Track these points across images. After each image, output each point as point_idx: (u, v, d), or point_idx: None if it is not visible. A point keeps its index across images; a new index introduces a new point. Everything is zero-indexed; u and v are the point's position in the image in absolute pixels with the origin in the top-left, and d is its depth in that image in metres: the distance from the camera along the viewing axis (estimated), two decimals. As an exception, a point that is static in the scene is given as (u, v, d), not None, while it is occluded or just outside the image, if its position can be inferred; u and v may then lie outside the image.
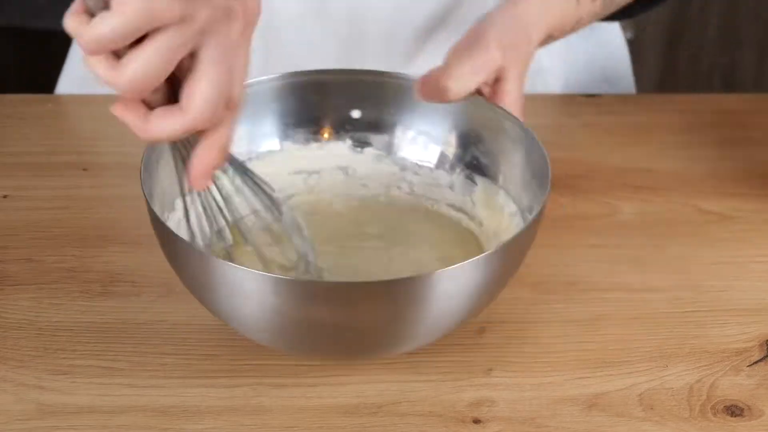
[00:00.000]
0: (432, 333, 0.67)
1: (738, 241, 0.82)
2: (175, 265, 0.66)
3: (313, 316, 0.62)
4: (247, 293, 0.62)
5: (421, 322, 0.64)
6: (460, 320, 0.67)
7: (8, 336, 0.72)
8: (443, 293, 0.62)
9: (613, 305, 0.76)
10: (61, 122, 0.97)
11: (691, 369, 0.71)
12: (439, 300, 0.62)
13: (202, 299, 0.67)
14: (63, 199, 0.85)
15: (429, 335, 0.67)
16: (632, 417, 0.67)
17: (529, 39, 0.77)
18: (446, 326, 0.66)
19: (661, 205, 0.86)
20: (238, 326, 0.67)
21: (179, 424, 0.66)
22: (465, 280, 0.63)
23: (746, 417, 0.67)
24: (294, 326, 0.64)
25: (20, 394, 0.68)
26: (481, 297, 0.66)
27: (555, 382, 0.69)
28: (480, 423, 0.67)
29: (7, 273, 0.78)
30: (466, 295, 0.64)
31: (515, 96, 0.75)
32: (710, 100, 1.01)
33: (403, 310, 0.62)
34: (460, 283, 0.62)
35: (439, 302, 0.63)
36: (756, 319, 0.75)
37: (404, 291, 0.61)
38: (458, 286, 0.63)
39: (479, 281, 0.64)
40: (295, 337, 0.66)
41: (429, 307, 0.63)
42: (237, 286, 0.62)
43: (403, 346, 0.68)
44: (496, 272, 0.65)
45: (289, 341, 0.68)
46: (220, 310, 0.66)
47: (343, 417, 0.67)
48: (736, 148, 0.93)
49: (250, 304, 0.63)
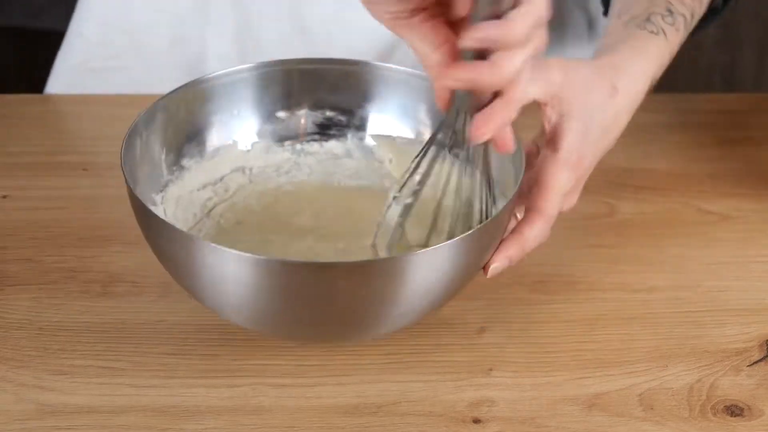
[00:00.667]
0: (408, 315, 0.67)
1: (738, 241, 0.82)
2: (157, 249, 0.67)
3: (290, 296, 0.63)
4: (226, 273, 0.62)
5: (398, 302, 0.64)
6: (435, 303, 0.67)
7: (8, 336, 0.72)
8: (420, 275, 0.63)
9: (613, 305, 0.76)
10: (61, 122, 0.97)
11: (691, 369, 0.71)
12: (415, 281, 0.63)
13: (183, 283, 0.67)
14: (63, 199, 0.85)
15: (405, 317, 0.67)
16: (632, 417, 0.67)
17: (612, 89, 0.72)
18: (422, 308, 0.67)
19: (661, 205, 0.86)
20: (218, 308, 0.68)
21: (179, 424, 0.66)
22: (443, 260, 0.63)
23: (746, 417, 0.67)
24: (272, 307, 0.65)
25: (20, 394, 0.68)
26: (457, 278, 0.66)
27: (555, 382, 0.69)
28: (480, 423, 0.67)
29: (7, 273, 0.78)
30: (442, 277, 0.64)
31: (571, 141, 0.69)
32: (710, 100, 1.01)
33: (381, 291, 0.63)
34: (437, 264, 0.63)
35: (415, 283, 0.63)
36: (756, 319, 0.75)
37: (382, 271, 0.62)
38: (435, 267, 0.63)
39: (457, 262, 0.64)
40: (273, 318, 0.67)
41: (406, 288, 0.63)
42: (216, 267, 0.62)
43: (382, 328, 0.68)
44: (473, 253, 0.65)
45: (268, 323, 0.68)
46: (200, 291, 0.66)
47: (343, 417, 0.67)
48: (736, 148, 0.93)
49: (229, 285, 0.63)
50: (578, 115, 0.69)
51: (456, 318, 0.74)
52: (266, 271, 0.62)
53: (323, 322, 0.66)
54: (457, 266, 0.65)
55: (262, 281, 0.63)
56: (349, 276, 0.62)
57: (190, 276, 0.66)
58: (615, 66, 0.73)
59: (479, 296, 0.76)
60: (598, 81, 0.71)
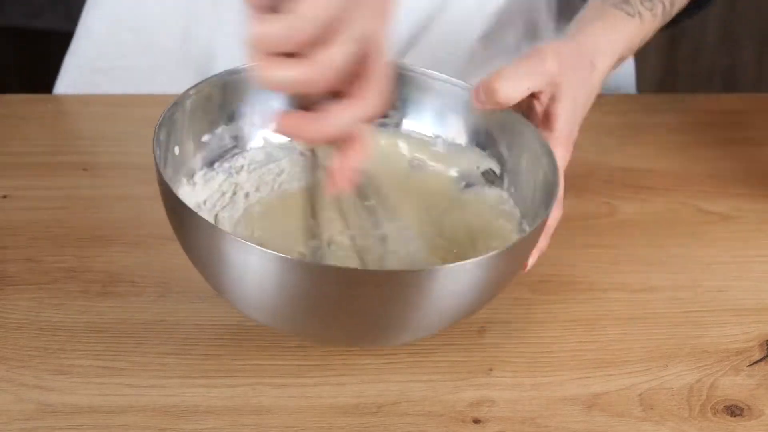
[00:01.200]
0: (431, 327, 0.67)
1: (738, 241, 0.82)
2: (182, 236, 0.66)
3: (315, 297, 0.63)
4: (252, 270, 0.62)
5: (421, 315, 0.64)
6: (459, 317, 0.67)
7: (8, 336, 0.72)
8: (445, 288, 0.62)
9: (613, 305, 0.76)
10: (61, 122, 0.97)
11: (690, 369, 0.71)
12: (440, 294, 0.63)
13: (205, 273, 0.67)
14: (63, 199, 0.85)
15: (428, 328, 0.67)
16: (632, 417, 0.67)
17: (592, 66, 0.76)
18: (445, 322, 0.67)
19: (661, 205, 0.86)
20: (240, 303, 0.67)
21: (179, 424, 0.66)
22: (470, 276, 0.63)
23: (746, 417, 0.67)
24: (297, 307, 0.64)
25: (20, 394, 0.68)
26: (483, 295, 0.66)
27: (555, 382, 0.70)
28: (480, 423, 0.67)
29: (7, 273, 0.78)
30: (468, 292, 0.64)
31: (564, 121, 0.73)
32: (710, 100, 1.01)
33: (404, 302, 0.62)
34: (464, 279, 0.63)
35: (440, 297, 0.63)
36: (756, 319, 0.75)
37: (408, 282, 0.61)
38: (462, 282, 0.63)
39: (484, 279, 0.64)
40: (297, 318, 0.66)
41: (429, 301, 0.63)
42: (242, 263, 0.62)
43: (402, 338, 0.68)
44: (502, 271, 0.65)
45: (291, 323, 0.68)
46: (224, 286, 0.66)
47: (343, 417, 0.67)
48: (736, 148, 0.93)
49: (253, 281, 0.63)
50: (568, 94, 0.73)
51: (456, 318, 0.74)
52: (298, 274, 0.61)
53: (349, 327, 0.66)
54: (491, 280, 0.64)
55: (293, 283, 0.62)
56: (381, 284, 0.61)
57: (219, 272, 0.65)
58: (591, 42, 0.77)
59: (479, 296, 0.76)
60: (580, 60, 0.75)
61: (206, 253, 0.65)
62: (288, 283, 0.62)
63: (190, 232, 0.65)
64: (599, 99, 0.99)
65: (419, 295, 0.62)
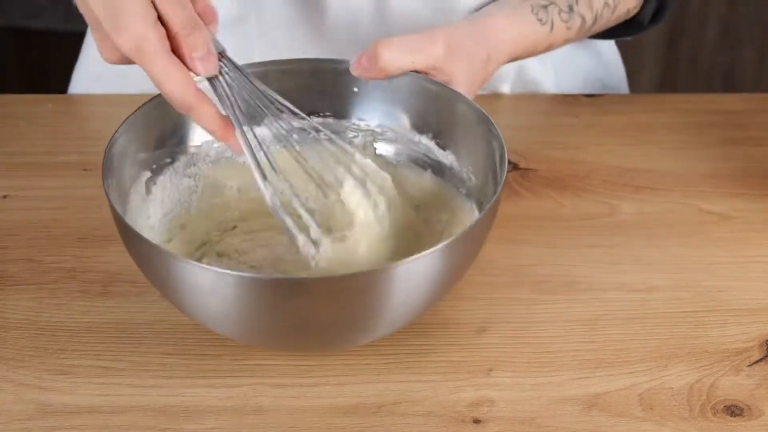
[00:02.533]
0: (391, 325, 0.67)
1: (738, 241, 0.82)
2: (140, 263, 0.67)
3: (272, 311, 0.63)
4: (207, 290, 0.62)
5: (379, 314, 0.64)
6: (420, 310, 0.67)
7: (8, 336, 0.72)
8: (401, 285, 0.63)
9: (613, 305, 0.76)
10: (61, 122, 0.97)
11: (691, 369, 0.71)
12: (398, 291, 0.63)
13: (167, 297, 0.67)
14: (63, 199, 0.85)
15: (387, 327, 0.67)
16: (632, 417, 0.67)
17: (488, 58, 0.78)
18: (405, 317, 0.67)
19: (661, 205, 0.86)
20: (200, 321, 0.68)
21: (179, 424, 0.66)
22: (424, 270, 0.63)
23: (746, 417, 0.67)
24: (254, 322, 0.65)
25: (20, 394, 0.68)
26: (442, 285, 0.66)
27: (555, 382, 0.70)
28: (480, 423, 0.67)
29: (7, 273, 0.78)
30: (424, 286, 0.64)
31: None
32: (710, 100, 1.01)
33: (360, 304, 0.63)
34: (418, 274, 0.63)
35: (398, 294, 0.63)
36: (756, 319, 0.75)
37: (359, 285, 0.62)
38: (416, 278, 0.63)
39: (439, 271, 0.64)
40: (257, 332, 0.67)
41: (388, 300, 0.63)
42: (197, 284, 0.62)
43: (362, 339, 0.68)
44: (454, 262, 0.65)
45: (252, 337, 0.68)
46: (183, 307, 0.67)
47: (343, 417, 0.67)
48: (736, 148, 0.93)
49: (209, 300, 0.63)
50: (462, 80, 0.75)
51: (456, 318, 0.74)
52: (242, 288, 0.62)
53: (304, 335, 0.66)
54: (438, 275, 0.65)
55: (239, 297, 0.62)
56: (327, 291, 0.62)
57: (169, 290, 0.66)
58: (492, 36, 0.79)
59: (479, 296, 0.76)
60: (477, 51, 0.77)
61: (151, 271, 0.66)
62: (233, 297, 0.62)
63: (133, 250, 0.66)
64: (599, 99, 1.00)
65: (371, 297, 0.62)
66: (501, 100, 1.00)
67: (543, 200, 0.86)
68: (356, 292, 0.62)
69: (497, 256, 0.79)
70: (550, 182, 0.88)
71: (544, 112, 0.99)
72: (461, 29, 0.77)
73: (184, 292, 0.64)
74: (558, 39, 0.85)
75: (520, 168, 0.89)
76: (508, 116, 0.99)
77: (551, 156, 0.91)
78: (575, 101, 0.99)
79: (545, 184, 0.88)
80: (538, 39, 0.83)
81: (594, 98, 1.00)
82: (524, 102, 1.00)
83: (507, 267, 0.79)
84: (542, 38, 0.83)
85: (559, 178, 0.88)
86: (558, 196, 0.86)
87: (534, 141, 0.93)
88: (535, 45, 0.83)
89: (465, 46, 0.76)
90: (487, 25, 0.79)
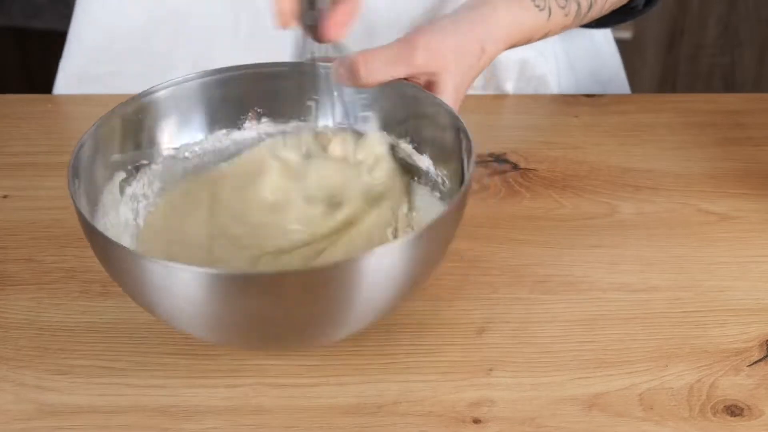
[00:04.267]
0: (362, 318, 0.66)
1: (738, 241, 0.82)
2: (103, 262, 0.66)
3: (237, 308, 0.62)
4: (168, 288, 0.62)
5: (350, 308, 0.64)
6: (391, 304, 0.66)
7: (8, 336, 0.72)
8: (370, 277, 0.62)
9: (613, 305, 0.76)
10: (61, 122, 0.97)
11: (691, 369, 0.71)
12: (367, 284, 0.62)
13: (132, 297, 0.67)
14: (63, 199, 0.85)
15: (359, 321, 0.67)
16: (632, 417, 0.67)
17: (481, 50, 0.78)
18: (377, 311, 0.66)
19: (661, 205, 0.86)
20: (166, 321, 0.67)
21: (179, 424, 0.66)
22: (392, 262, 0.62)
23: (746, 417, 0.67)
24: (220, 319, 0.64)
25: (20, 394, 0.68)
26: (412, 278, 0.65)
27: (555, 382, 0.70)
28: (480, 423, 0.67)
29: (7, 273, 0.78)
30: (392, 278, 0.64)
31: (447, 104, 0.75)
32: (710, 100, 1.01)
33: (330, 297, 0.62)
34: (386, 266, 0.62)
35: (367, 287, 0.62)
36: (756, 319, 0.75)
37: (329, 278, 0.61)
38: (385, 269, 0.62)
39: (408, 263, 0.63)
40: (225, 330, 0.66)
41: (357, 293, 0.63)
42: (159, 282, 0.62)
43: (335, 334, 0.68)
44: (423, 254, 0.65)
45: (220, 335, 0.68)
46: (148, 307, 0.66)
47: (343, 417, 0.67)
48: (736, 148, 0.93)
49: (171, 299, 0.63)
50: (451, 78, 0.75)
51: (456, 318, 0.74)
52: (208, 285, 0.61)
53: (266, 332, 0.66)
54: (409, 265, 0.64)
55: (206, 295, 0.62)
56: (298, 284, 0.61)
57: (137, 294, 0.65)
58: (487, 24, 0.79)
59: (479, 296, 0.76)
60: (468, 45, 0.77)
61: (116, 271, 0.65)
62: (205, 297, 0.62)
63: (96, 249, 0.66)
64: (599, 99, 1.00)
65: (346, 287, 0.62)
66: (501, 100, 1.00)
67: (543, 200, 0.86)
68: (316, 286, 0.61)
69: (497, 256, 0.79)
70: (550, 182, 0.88)
71: (544, 112, 0.99)
72: (446, 27, 0.77)
73: (140, 289, 0.63)
74: (556, 26, 0.85)
75: (520, 168, 0.89)
76: (508, 116, 0.99)
77: (551, 156, 0.91)
78: (575, 101, 0.99)
79: (545, 184, 0.88)
80: (535, 26, 0.82)
81: (594, 98, 1.00)
82: (524, 102, 1.00)
83: (507, 267, 0.79)
84: (540, 25, 0.83)
85: (559, 178, 0.89)
86: (558, 196, 0.86)
87: (534, 141, 0.93)
88: (532, 32, 0.83)
89: (448, 46, 0.76)
90: (483, 16, 0.79)
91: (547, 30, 0.84)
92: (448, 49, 0.76)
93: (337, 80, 0.75)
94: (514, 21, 0.81)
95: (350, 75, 0.73)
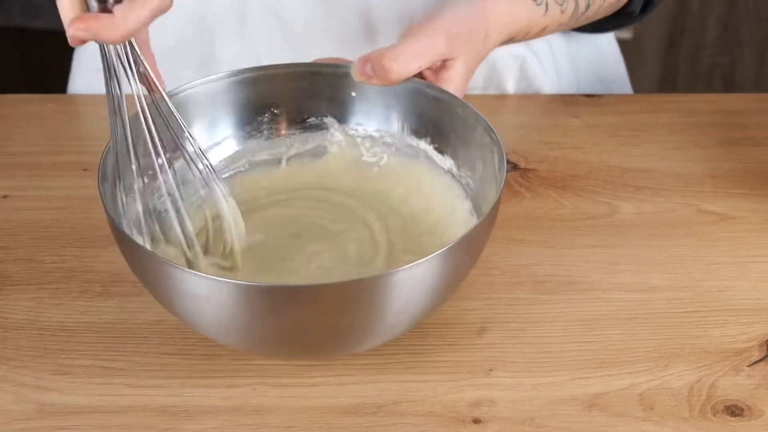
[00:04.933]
0: (394, 329, 0.67)
1: (738, 241, 0.82)
2: (137, 271, 0.67)
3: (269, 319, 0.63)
4: (201, 297, 0.62)
5: (383, 319, 0.64)
6: (423, 314, 0.67)
7: (8, 336, 0.72)
8: (402, 291, 0.62)
9: (613, 305, 0.76)
10: (61, 122, 0.97)
11: (691, 369, 0.71)
12: (403, 296, 0.63)
13: (162, 303, 0.67)
14: (63, 199, 0.85)
15: (390, 332, 0.67)
16: (632, 417, 0.67)
17: (486, 36, 0.78)
18: (410, 321, 0.66)
19: (661, 205, 0.86)
20: (195, 328, 0.68)
21: (179, 424, 0.66)
22: (423, 276, 0.62)
23: (746, 417, 0.67)
24: (251, 329, 0.65)
25: (20, 394, 0.68)
26: (446, 287, 0.66)
27: (555, 382, 0.70)
28: (480, 423, 0.67)
29: (7, 273, 0.78)
30: (427, 290, 0.64)
31: (456, 86, 0.76)
32: (710, 100, 1.01)
33: (365, 309, 0.62)
34: (417, 280, 0.62)
35: (397, 300, 0.63)
36: (756, 319, 0.75)
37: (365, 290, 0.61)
38: (415, 283, 0.63)
39: (442, 273, 0.64)
40: (256, 340, 0.67)
41: (392, 304, 0.63)
42: (191, 291, 0.62)
43: (365, 345, 0.68)
44: (453, 267, 0.65)
45: (251, 344, 0.68)
46: (178, 313, 0.66)
47: (343, 417, 0.67)
48: (736, 148, 0.93)
49: (204, 308, 0.63)
50: (462, 62, 0.76)
51: (456, 318, 0.74)
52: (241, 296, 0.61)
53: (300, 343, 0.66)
54: (438, 281, 0.64)
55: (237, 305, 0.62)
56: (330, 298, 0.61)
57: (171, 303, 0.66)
58: (489, 14, 0.79)
59: (479, 296, 0.76)
60: (475, 32, 0.78)
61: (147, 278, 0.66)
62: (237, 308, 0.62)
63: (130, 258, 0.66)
64: (599, 99, 1.00)
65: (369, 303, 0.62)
66: (501, 100, 1.00)
67: (543, 200, 0.86)
68: (351, 299, 0.61)
69: (497, 256, 0.79)
70: (550, 182, 0.88)
71: (544, 112, 0.99)
72: (458, 12, 0.78)
73: (175, 298, 0.64)
74: (552, 22, 0.85)
75: (520, 168, 0.89)
76: (508, 116, 0.99)
77: (551, 156, 0.91)
78: (575, 101, 0.99)
79: (545, 184, 0.88)
80: (532, 20, 0.83)
81: (594, 98, 1.00)
82: (524, 102, 1.00)
83: (507, 267, 0.79)
84: (537, 20, 0.83)
85: (559, 178, 0.88)
86: (558, 196, 0.86)
87: (534, 141, 0.93)
88: (529, 26, 0.83)
89: (464, 30, 0.77)
90: (484, 5, 0.80)
91: (543, 25, 0.84)
92: (463, 32, 0.76)
93: (360, 78, 0.74)
94: (512, 10, 0.81)
95: (379, 72, 0.73)
